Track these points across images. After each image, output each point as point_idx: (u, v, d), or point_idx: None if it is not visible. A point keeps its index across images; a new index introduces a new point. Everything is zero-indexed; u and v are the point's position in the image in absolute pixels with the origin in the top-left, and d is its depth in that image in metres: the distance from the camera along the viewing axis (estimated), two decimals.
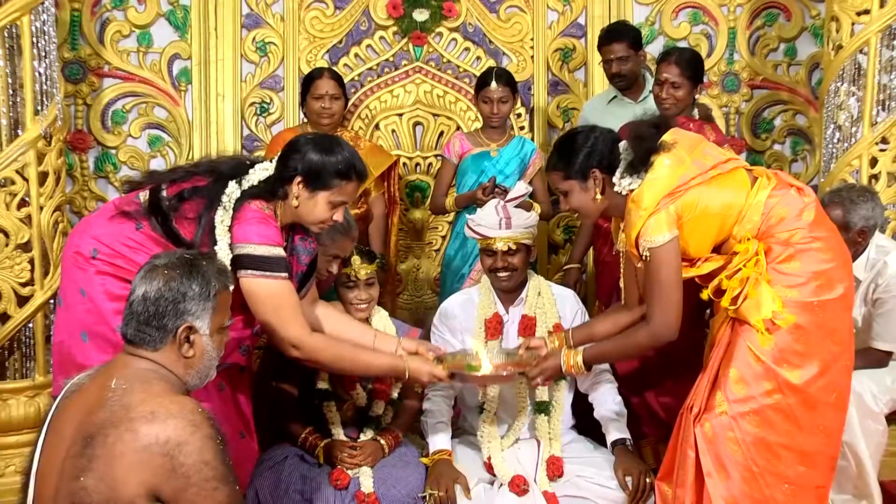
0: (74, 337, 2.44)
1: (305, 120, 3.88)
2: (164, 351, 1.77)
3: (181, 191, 2.45)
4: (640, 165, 2.39)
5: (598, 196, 2.48)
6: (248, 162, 2.55)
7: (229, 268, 2.33)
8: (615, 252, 2.72)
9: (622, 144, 2.47)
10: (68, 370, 2.27)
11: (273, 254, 2.38)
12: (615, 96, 3.92)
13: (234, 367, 2.62)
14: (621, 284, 2.68)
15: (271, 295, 2.38)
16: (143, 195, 2.48)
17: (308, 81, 3.76)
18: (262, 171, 2.48)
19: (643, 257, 2.38)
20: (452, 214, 3.98)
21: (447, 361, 2.67)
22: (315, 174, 2.43)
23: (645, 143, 2.41)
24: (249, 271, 2.36)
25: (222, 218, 2.39)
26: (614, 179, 2.45)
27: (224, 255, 2.36)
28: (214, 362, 1.86)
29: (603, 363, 2.83)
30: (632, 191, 2.40)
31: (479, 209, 3.20)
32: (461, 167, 3.84)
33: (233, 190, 2.43)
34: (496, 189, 3.53)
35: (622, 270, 2.66)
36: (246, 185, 2.45)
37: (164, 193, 2.45)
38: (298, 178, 2.44)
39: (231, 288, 1.90)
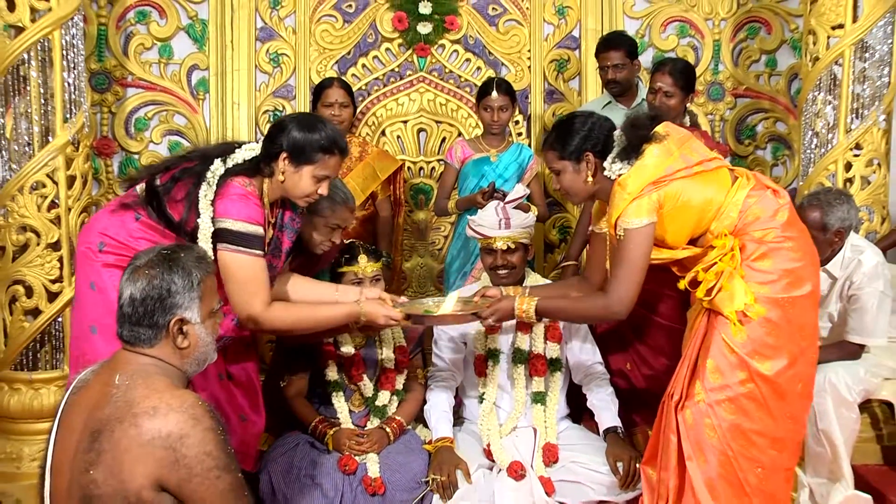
0: (84, 333, 2.44)
1: None
2: (161, 346, 1.76)
3: (172, 175, 2.46)
4: (631, 152, 2.38)
5: (590, 179, 2.46)
6: (236, 144, 2.54)
7: (210, 243, 2.35)
8: (589, 232, 2.70)
9: (617, 132, 2.46)
10: (77, 368, 2.26)
11: (249, 231, 2.37)
12: (609, 102, 3.92)
13: (238, 341, 2.62)
14: (588, 263, 2.62)
15: (241, 268, 2.37)
16: (140, 187, 2.49)
17: (319, 90, 3.78)
18: (247, 151, 2.49)
19: (618, 237, 2.37)
20: (454, 216, 4.01)
21: (405, 307, 2.65)
22: (299, 149, 2.43)
23: (639, 131, 2.40)
24: (226, 244, 2.37)
25: (205, 193, 2.39)
26: (605, 164, 2.43)
27: (207, 227, 2.37)
28: (211, 346, 1.85)
29: (552, 318, 2.76)
30: (620, 175, 2.39)
31: (479, 211, 3.22)
32: (462, 171, 3.86)
33: (217, 167, 2.43)
34: (495, 193, 3.54)
35: (590, 251, 2.61)
36: (230, 163, 2.45)
37: (158, 182, 2.45)
38: (284, 155, 2.44)
39: (213, 270, 1.88)
